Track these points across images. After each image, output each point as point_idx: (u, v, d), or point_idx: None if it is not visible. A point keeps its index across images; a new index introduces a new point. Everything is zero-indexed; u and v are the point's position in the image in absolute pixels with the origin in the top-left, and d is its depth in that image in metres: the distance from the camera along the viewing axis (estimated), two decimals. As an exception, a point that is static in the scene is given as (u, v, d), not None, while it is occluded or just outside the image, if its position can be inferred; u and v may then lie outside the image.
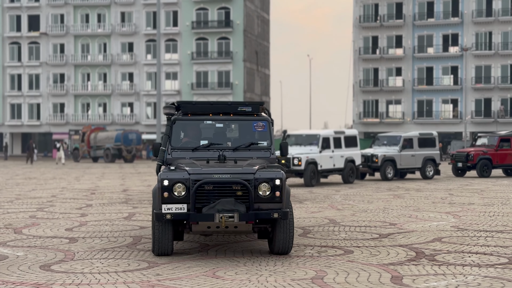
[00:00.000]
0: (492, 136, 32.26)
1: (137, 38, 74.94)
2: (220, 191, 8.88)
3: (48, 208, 16.37)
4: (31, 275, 8.09)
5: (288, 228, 9.20)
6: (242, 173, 8.96)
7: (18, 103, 77.31)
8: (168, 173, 8.90)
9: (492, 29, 68.56)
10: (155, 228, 9.14)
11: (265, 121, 10.18)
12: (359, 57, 71.52)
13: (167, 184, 8.84)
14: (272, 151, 10.03)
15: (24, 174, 34.50)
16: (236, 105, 10.15)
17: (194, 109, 10.14)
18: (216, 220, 8.73)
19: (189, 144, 10.00)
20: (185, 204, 8.82)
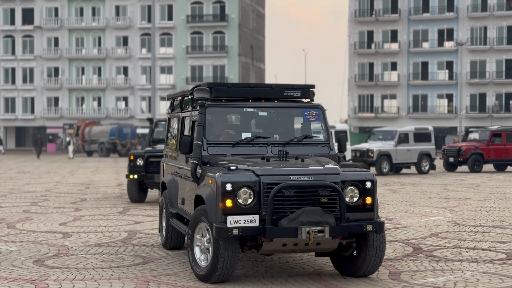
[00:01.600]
0: (483, 131, 32.25)
1: (132, 32, 74.68)
2: (302, 197, 6.97)
3: (42, 203, 16.25)
4: (24, 271, 7.99)
5: (382, 244, 7.39)
6: (325, 174, 7.13)
7: (12, 97, 77.01)
8: (230, 174, 6.92)
9: (487, 24, 68.54)
10: (219, 248, 7.00)
11: (317, 109, 8.32)
12: (355, 52, 71.43)
13: (231, 189, 6.84)
14: (330, 146, 8.21)
15: (18, 168, 34.33)
16: (282, 88, 8.30)
17: (230, 93, 8.17)
18: (302, 235, 6.79)
19: (227, 138, 8.09)
20: (256, 216, 6.87)
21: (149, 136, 17.36)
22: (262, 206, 6.90)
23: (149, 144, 17.13)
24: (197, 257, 7.46)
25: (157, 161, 15.32)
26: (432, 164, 29.43)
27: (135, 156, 15.91)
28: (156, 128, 17.43)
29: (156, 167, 15.44)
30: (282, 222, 6.84)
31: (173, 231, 9.21)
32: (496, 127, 32.56)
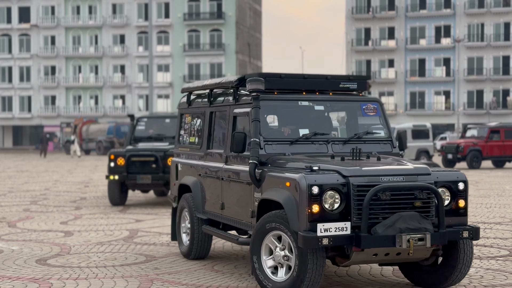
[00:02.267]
0: (482, 127, 32.26)
1: (129, 30, 74.59)
2: (396, 201, 6.21)
3: (42, 201, 16.22)
4: (28, 270, 7.97)
5: (471, 251, 6.69)
6: (417, 174, 6.40)
7: (9, 96, 76.87)
8: (315, 176, 6.10)
9: (484, 20, 68.59)
10: (306, 261, 6.13)
11: (375, 103, 7.62)
12: (352, 49, 71.44)
13: (317, 193, 6.03)
14: (393, 143, 7.51)
15: (16, 167, 34.28)
16: (337, 79, 7.55)
17: (282, 85, 7.35)
18: (402, 244, 5.99)
19: (281, 134, 7.30)
20: (347, 222, 6.06)
21: (130, 134, 16.27)
22: (352, 212, 6.10)
23: (130, 143, 16.02)
24: (268, 269, 6.51)
25: (140, 161, 14.69)
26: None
27: (115, 155, 14.83)
28: (137, 126, 16.39)
29: (139, 167, 14.67)
30: (378, 230, 6.03)
31: (201, 239, 8.35)
32: (494, 124, 32.58)
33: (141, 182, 14.66)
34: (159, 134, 16.22)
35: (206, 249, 8.47)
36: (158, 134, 16.22)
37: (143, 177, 14.62)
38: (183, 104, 9.08)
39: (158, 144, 15.41)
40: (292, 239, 6.20)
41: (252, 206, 6.92)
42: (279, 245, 6.41)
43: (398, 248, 6.05)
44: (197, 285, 7.12)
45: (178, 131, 9.19)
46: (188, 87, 8.88)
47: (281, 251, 6.39)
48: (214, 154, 7.97)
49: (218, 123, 8.05)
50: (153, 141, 15.95)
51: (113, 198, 14.99)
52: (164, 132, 16.21)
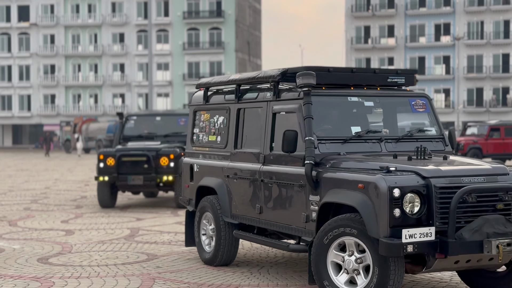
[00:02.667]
0: (482, 125, 32.21)
1: (128, 28, 74.54)
2: (480, 204, 5.81)
3: (42, 200, 16.22)
4: (29, 268, 7.97)
5: None
6: (496, 174, 6.01)
7: (9, 95, 76.82)
8: (395, 177, 5.66)
9: (484, 18, 68.56)
10: (387, 269, 5.68)
11: (424, 98, 7.25)
12: (351, 47, 71.42)
13: (399, 196, 5.58)
14: (445, 141, 7.16)
15: (16, 166, 34.27)
16: (385, 73, 7.18)
17: (330, 79, 6.92)
18: (492, 250, 5.56)
19: (333, 132, 6.76)
20: (432, 228, 5.59)
21: (119, 132, 15.38)
22: (435, 216, 5.64)
23: (119, 142, 15.19)
24: (337, 278, 6.07)
25: (131, 161, 13.95)
26: None
27: (105, 155, 14.03)
28: (126, 124, 15.48)
29: (130, 167, 13.92)
30: (464, 235, 5.59)
31: (228, 245, 7.84)
32: (494, 122, 32.53)
33: (132, 183, 13.92)
34: (150, 132, 15.38)
35: (233, 255, 7.96)
36: (149, 132, 15.40)
37: (135, 178, 13.87)
38: (197, 100, 8.52)
39: (149, 143, 14.60)
40: (368, 245, 5.75)
41: (306, 210, 6.44)
42: (345, 254, 5.99)
43: (486, 254, 5.62)
44: (199, 284, 7.12)
45: (191, 129, 8.65)
46: (207, 82, 8.30)
47: (352, 259, 5.93)
48: (245, 154, 7.46)
49: (249, 121, 7.56)
50: (143, 140, 15.11)
51: (103, 201, 14.20)
52: (155, 131, 15.37)
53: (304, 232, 6.51)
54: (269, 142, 7.06)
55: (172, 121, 15.49)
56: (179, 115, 15.61)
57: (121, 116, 15.34)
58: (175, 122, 15.45)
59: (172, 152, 13.94)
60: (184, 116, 15.31)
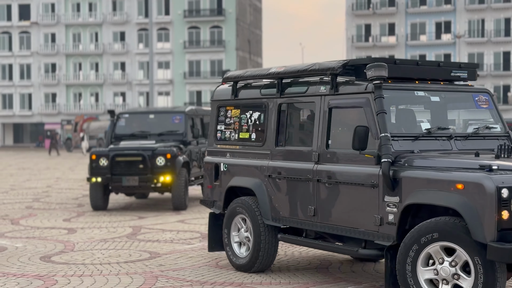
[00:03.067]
0: None
1: (129, 27, 74.53)
2: None
3: (44, 199, 16.23)
4: (32, 267, 7.98)
5: None
6: None
7: (10, 93, 76.84)
8: (501, 177, 5.25)
9: (484, 16, 68.54)
10: (494, 275, 5.28)
11: (487, 94, 6.90)
12: (352, 45, 71.41)
13: (507, 196, 5.18)
14: (511, 139, 6.76)
15: (17, 165, 34.29)
16: (449, 67, 6.76)
17: (396, 72, 6.45)
18: None
19: (404, 129, 6.40)
20: None
21: (111, 131, 14.70)
22: None
23: (111, 141, 14.52)
24: None
25: (125, 161, 13.27)
26: None
27: (97, 155, 13.37)
28: (118, 122, 14.74)
29: (124, 168, 13.24)
30: None
31: (268, 249, 7.39)
32: None
33: (127, 185, 13.22)
34: (143, 131, 14.63)
35: (272, 259, 7.50)
36: (142, 131, 14.64)
37: (130, 178, 13.17)
38: (222, 95, 7.97)
39: (144, 142, 13.92)
40: (470, 251, 5.32)
41: (379, 212, 5.98)
42: (435, 265, 5.58)
43: None
44: (201, 282, 7.13)
45: (214, 126, 8.05)
46: (239, 76, 7.69)
47: (443, 265, 5.52)
48: (291, 152, 7.00)
49: (294, 116, 7.18)
50: (137, 139, 14.43)
51: (96, 203, 13.50)
52: (149, 129, 14.63)
53: (378, 236, 6.03)
54: (325, 139, 6.59)
55: (166, 119, 14.71)
56: (173, 112, 14.81)
57: (112, 114, 14.61)
58: (169, 120, 14.65)
59: (168, 152, 13.36)
60: (179, 114, 14.63)
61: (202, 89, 73.10)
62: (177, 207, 13.51)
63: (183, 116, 14.54)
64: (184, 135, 14.39)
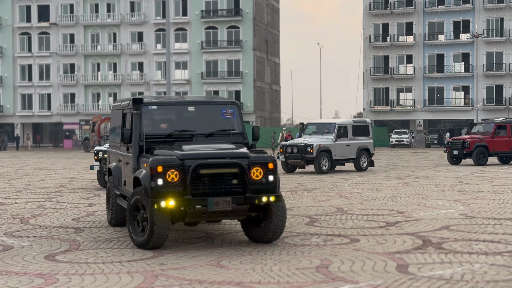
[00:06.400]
0: (488, 123, 31.60)
1: (147, 27, 74.88)
2: None
3: (56, 198, 16.39)
4: (35, 265, 8.08)
5: None
6: None
7: (29, 94, 77.53)
8: None
9: (503, 15, 68.00)
10: None
11: None
12: (370, 45, 71.18)
13: None
14: None
15: (34, 164, 34.60)
16: None
17: None
18: None
19: None
20: None
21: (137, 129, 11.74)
22: None
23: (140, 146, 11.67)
24: None
25: (213, 175, 8.86)
26: (371, 160, 26.84)
27: (165, 165, 9.39)
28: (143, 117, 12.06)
29: (210, 184, 9.02)
30: None
31: None
32: (500, 119, 31.84)
33: (216, 210, 8.99)
34: (183, 130, 12.53)
35: None
36: (182, 130, 13.05)
37: (219, 201, 8.97)
38: None
39: (220, 147, 10.49)
40: None
41: None
42: None
43: None
44: (200, 280, 7.18)
45: None
46: None
47: None
48: None
49: None
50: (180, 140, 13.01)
51: (161, 238, 9.09)
52: (190, 127, 10.93)
53: None
54: None
55: (214, 113, 10.43)
56: (222, 104, 10.50)
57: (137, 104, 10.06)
58: (218, 114, 10.41)
59: (270, 160, 9.19)
60: (230, 106, 10.45)
61: (219, 89, 73.24)
62: (272, 238, 9.46)
63: (236, 109, 10.42)
64: (245, 135, 10.36)
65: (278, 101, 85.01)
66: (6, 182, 22.05)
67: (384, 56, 71.19)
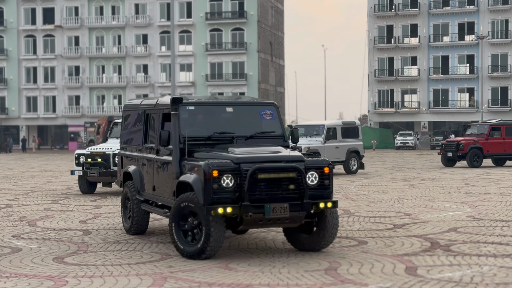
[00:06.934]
0: (482, 125, 31.37)
1: (151, 30, 74.99)
2: None
3: (63, 201, 16.41)
4: (44, 268, 8.09)
5: None
6: None
7: (34, 96, 77.70)
8: None
9: (508, 17, 67.92)
10: None
11: None
12: (374, 47, 71.14)
13: None
14: None
15: (39, 167, 34.66)
16: None
17: None
18: None
19: None
20: None
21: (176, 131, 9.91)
22: None
23: (182, 149, 11.51)
24: None
25: (270, 180, 8.35)
26: (361, 162, 26.52)
27: (220, 170, 8.37)
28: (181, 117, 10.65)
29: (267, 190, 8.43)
30: None
31: None
32: (495, 121, 31.59)
33: (273, 217, 8.42)
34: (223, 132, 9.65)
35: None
36: (221, 132, 11.36)
37: (277, 207, 8.50)
38: None
39: (271, 149, 9.16)
40: None
41: None
42: None
43: None
44: (209, 283, 7.19)
45: None
46: None
47: None
48: None
49: None
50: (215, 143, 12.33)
51: (218, 245, 8.57)
52: (229, 129, 8.72)
53: None
54: None
55: (253, 115, 9.89)
56: (261, 105, 9.99)
57: (175, 104, 9.30)
58: (256, 115, 9.89)
59: (326, 164, 8.82)
60: (268, 106, 9.95)
61: (224, 91, 73.29)
62: (323, 246, 9.08)
63: (275, 110, 10.00)
64: (286, 138, 9.93)
65: (282, 103, 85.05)
66: (12, 185, 22.09)
67: (388, 57, 71.15)
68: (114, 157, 17.53)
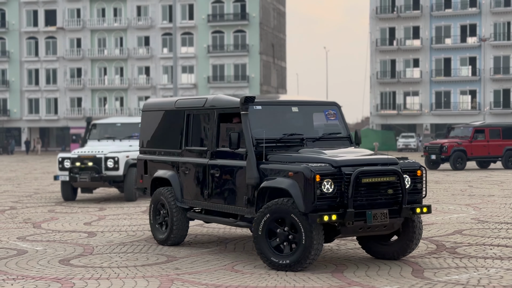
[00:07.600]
0: (466, 127, 31.01)
1: (153, 31, 75.02)
2: None
3: (67, 203, 16.41)
4: (51, 270, 8.10)
5: None
6: None
7: (36, 98, 77.73)
8: None
9: (510, 19, 67.89)
10: None
11: None
12: (376, 49, 71.14)
13: None
14: None
15: (42, 169, 34.67)
16: None
17: None
18: None
19: None
20: None
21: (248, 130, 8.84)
22: None
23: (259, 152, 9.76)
24: None
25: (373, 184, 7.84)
26: None
27: (323, 174, 7.82)
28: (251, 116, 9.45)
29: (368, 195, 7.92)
30: None
31: None
32: (479, 123, 31.29)
33: (373, 224, 7.95)
34: (293, 134, 8.82)
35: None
36: (291, 134, 9.01)
37: (378, 213, 7.90)
38: None
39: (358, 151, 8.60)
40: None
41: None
42: None
43: None
44: (216, 285, 7.19)
45: None
46: None
47: None
48: None
49: None
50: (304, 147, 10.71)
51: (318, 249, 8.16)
52: (297, 130, 9.00)
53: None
54: None
55: (318, 115, 9.42)
56: (325, 105, 9.47)
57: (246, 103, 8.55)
58: (321, 115, 9.43)
59: (418, 167, 8.36)
60: (331, 106, 9.46)
61: (226, 93, 73.15)
62: (407, 253, 8.65)
63: (338, 111, 9.47)
64: (352, 139, 9.37)
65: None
66: (15, 187, 22.11)
67: (390, 60, 71.14)
68: (106, 161, 16.31)
